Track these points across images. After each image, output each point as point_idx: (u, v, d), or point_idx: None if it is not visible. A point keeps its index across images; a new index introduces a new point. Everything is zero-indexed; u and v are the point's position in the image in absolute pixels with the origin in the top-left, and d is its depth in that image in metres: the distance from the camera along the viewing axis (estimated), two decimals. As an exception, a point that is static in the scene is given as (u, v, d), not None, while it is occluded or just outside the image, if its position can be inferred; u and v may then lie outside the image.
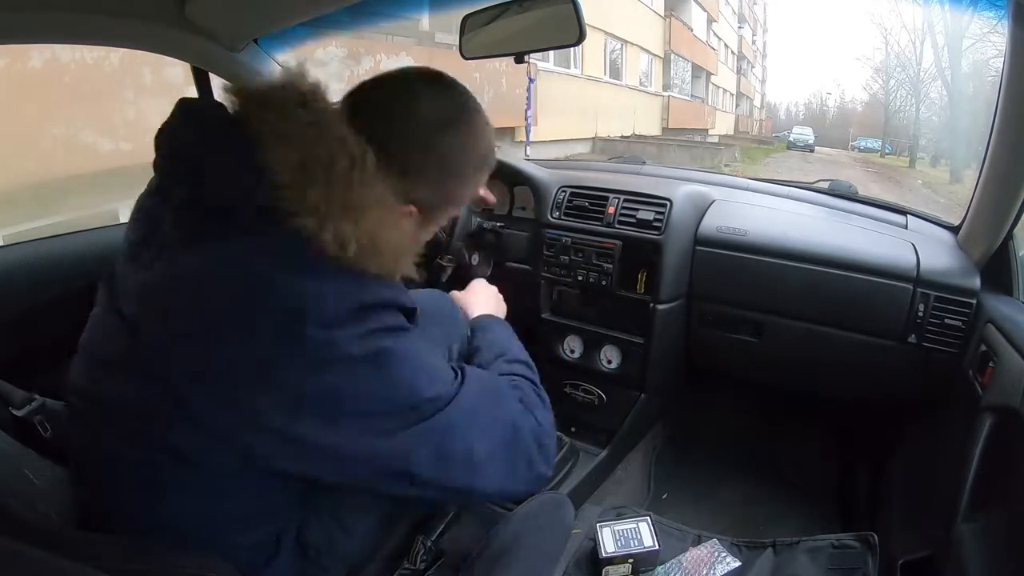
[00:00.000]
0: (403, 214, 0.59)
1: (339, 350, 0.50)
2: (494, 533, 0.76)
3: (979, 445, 0.84)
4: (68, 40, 1.29)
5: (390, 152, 0.56)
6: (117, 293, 0.57)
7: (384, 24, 4.38)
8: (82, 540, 0.50)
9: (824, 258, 1.12)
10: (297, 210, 0.51)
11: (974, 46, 14.01)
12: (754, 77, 27.57)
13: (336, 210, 0.51)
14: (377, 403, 0.52)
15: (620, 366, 1.29)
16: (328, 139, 0.53)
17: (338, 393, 0.50)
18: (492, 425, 0.58)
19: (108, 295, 0.59)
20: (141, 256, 0.56)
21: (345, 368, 0.50)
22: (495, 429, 0.58)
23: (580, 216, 1.28)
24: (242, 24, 0.94)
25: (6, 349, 0.88)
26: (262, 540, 0.58)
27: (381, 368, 0.52)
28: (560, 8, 0.86)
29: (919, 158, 17.28)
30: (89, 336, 0.59)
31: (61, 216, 2.78)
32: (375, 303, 0.53)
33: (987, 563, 0.77)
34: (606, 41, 10.98)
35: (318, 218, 0.51)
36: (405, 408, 0.53)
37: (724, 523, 1.23)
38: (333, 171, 0.52)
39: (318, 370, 0.50)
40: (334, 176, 0.52)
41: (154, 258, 0.54)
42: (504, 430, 0.59)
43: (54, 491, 0.59)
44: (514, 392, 0.64)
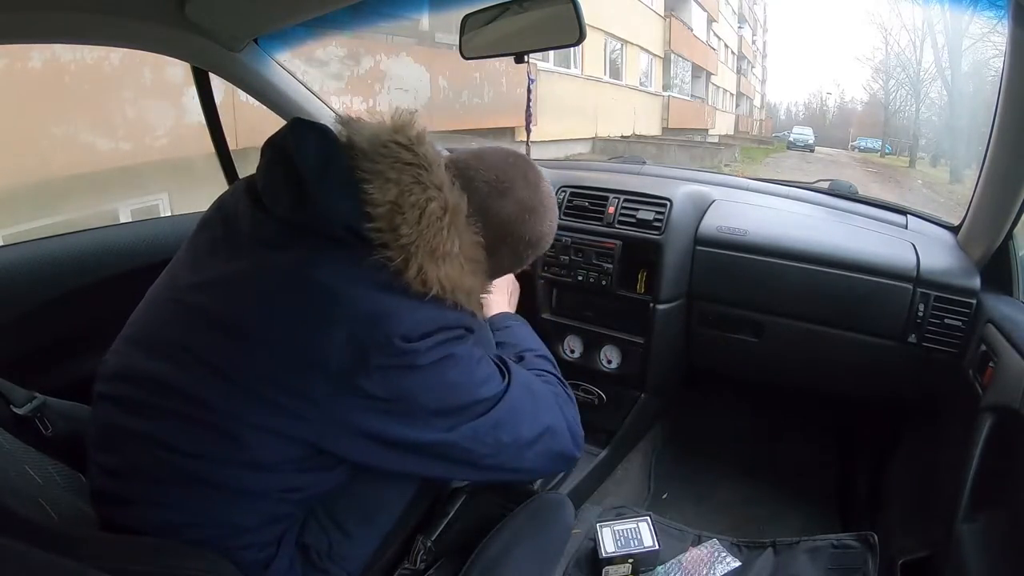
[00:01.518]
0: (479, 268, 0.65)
1: (416, 359, 0.56)
2: (494, 533, 0.77)
3: (979, 445, 0.84)
4: (68, 40, 1.29)
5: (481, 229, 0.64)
6: (181, 285, 0.60)
7: (384, 24, 4.37)
8: (83, 540, 0.50)
9: (824, 258, 1.12)
10: (387, 243, 0.56)
11: (974, 46, 13.98)
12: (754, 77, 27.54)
13: (423, 252, 0.57)
14: (443, 402, 0.59)
15: (620, 366, 1.29)
16: (426, 183, 0.58)
17: (411, 394, 0.57)
18: (535, 418, 0.66)
19: (169, 286, 0.62)
20: (221, 253, 0.60)
21: (419, 373, 0.57)
22: (538, 421, 0.66)
23: (580, 216, 1.28)
24: (242, 24, 0.94)
25: (6, 349, 0.88)
26: (264, 542, 0.58)
27: (447, 372, 0.58)
28: (560, 8, 0.86)
29: (919, 158, 17.26)
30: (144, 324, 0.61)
31: (61, 216, 2.78)
32: (449, 325, 0.59)
33: (987, 563, 0.77)
34: (606, 41, 10.97)
35: (406, 256, 0.56)
36: (466, 405, 0.60)
37: (724, 523, 1.23)
38: (425, 215, 0.57)
39: (396, 375, 0.55)
40: (426, 218, 0.57)
41: (240, 255, 0.58)
42: (544, 422, 0.67)
43: (55, 489, 0.59)
44: (548, 387, 0.72)
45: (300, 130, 0.62)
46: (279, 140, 0.62)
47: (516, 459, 0.65)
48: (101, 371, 0.61)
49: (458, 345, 0.60)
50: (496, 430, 0.62)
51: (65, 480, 0.62)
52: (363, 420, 0.56)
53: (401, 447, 0.58)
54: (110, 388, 0.59)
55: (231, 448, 0.54)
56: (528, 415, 0.66)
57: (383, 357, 0.54)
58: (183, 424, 0.54)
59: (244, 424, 0.54)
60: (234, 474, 0.55)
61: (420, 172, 0.58)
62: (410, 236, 0.56)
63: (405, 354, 0.55)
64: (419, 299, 0.57)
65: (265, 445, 0.55)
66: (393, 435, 0.57)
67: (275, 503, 0.58)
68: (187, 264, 0.62)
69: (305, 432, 0.55)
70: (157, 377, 0.56)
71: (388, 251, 0.56)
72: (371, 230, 0.56)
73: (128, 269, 1.04)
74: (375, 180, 0.57)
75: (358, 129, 0.61)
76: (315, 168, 0.58)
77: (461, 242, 0.60)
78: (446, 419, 0.59)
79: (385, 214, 0.56)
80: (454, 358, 0.59)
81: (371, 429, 0.56)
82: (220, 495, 0.55)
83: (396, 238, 0.56)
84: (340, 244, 0.57)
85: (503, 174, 0.68)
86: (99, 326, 0.68)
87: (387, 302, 0.55)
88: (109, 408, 0.59)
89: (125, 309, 0.66)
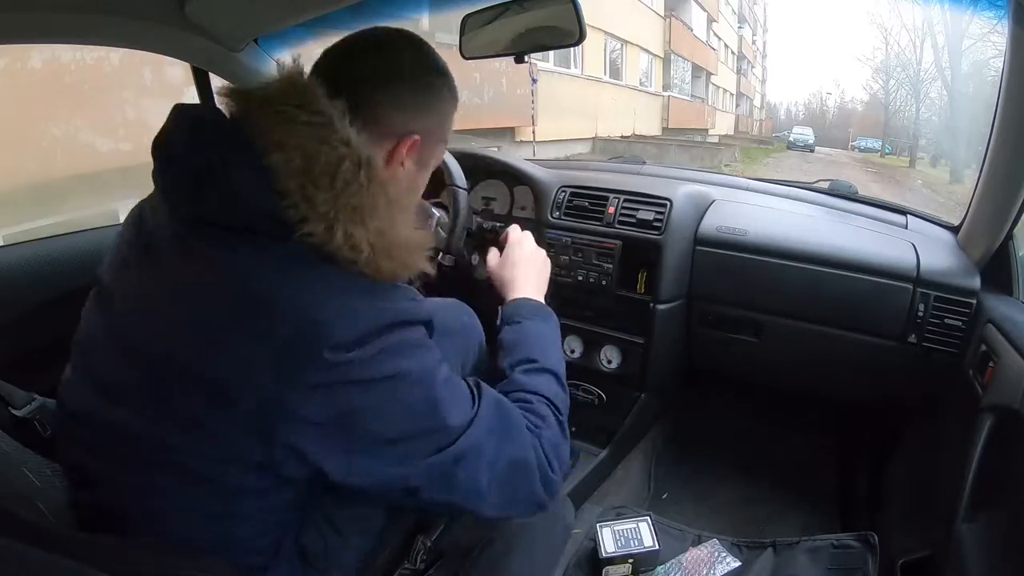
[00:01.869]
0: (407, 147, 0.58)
1: (356, 372, 0.49)
2: (494, 533, 0.76)
3: (979, 445, 0.84)
4: (68, 40, 1.29)
5: (381, 106, 0.56)
6: (111, 307, 0.56)
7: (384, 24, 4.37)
8: (82, 541, 0.50)
9: (824, 258, 1.12)
10: (305, 216, 0.49)
11: (974, 46, 14.01)
12: (754, 77, 27.55)
13: (345, 215, 0.50)
14: (392, 429, 0.51)
15: (620, 366, 1.29)
16: (332, 141, 0.51)
17: (353, 417, 0.49)
18: (499, 457, 0.57)
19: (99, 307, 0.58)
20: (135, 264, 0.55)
21: (362, 391, 0.49)
22: (501, 461, 0.57)
23: (580, 216, 1.28)
24: (242, 24, 0.94)
25: (6, 349, 0.88)
26: (261, 545, 0.58)
27: (398, 391, 0.51)
28: (560, 8, 0.86)
29: (919, 158, 17.27)
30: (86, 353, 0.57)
31: (61, 216, 2.78)
32: (393, 322, 0.51)
33: (987, 563, 0.77)
34: (606, 41, 10.98)
35: (327, 223, 0.50)
36: (419, 435, 0.52)
37: (724, 523, 1.23)
38: (339, 175, 0.51)
39: (334, 394, 0.48)
40: (341, 179, 0.50)
41: (152, 266, 0.53)
42: (510, 462, 0.58)
43: (54, 491, 0.59)
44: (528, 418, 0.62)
45: (181, 118, 0.55)
46: (162, 135, 0.55)
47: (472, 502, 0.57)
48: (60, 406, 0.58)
49: (414, 355, 0.52)
50: (455, 467, 0.54)
51: (63, 482, 0.61)
52: (304, 446, 0.49)
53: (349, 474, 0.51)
54: (66, 426, 0.57)
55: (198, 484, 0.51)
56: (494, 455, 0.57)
57: (315, 374, 0.47)
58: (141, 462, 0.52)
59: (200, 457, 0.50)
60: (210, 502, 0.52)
61: (322, 131, 0.51)
62: (327, 202, 0.50)
63: (340, 366, 0.48)
64: (355, 288, 0.51)
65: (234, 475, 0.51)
66: (336, 465, 0.50)
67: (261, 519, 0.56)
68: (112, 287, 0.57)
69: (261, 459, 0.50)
70: (115, 424, 0.52)
71: (308, 225, 0.49)
72: (287, 207, 0.49)
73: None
74: (276, 152, 0.50)
75: (247, 99, 0.54)
76: (211, 155, 0.51)
77: (382, 194, 0.53)
78: (399, 447, 0.52)
79: (296, 188, 0.50)
80: (409, 374, 0.51)
81: (314, 457, 0.49)
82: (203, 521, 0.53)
83: (312, 207, 0.49)
84: (253, 234, 0.50)
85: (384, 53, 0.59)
86: (99, 326, 0.68)
87: (315, 300, 0.49)
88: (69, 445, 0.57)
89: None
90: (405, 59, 0.59)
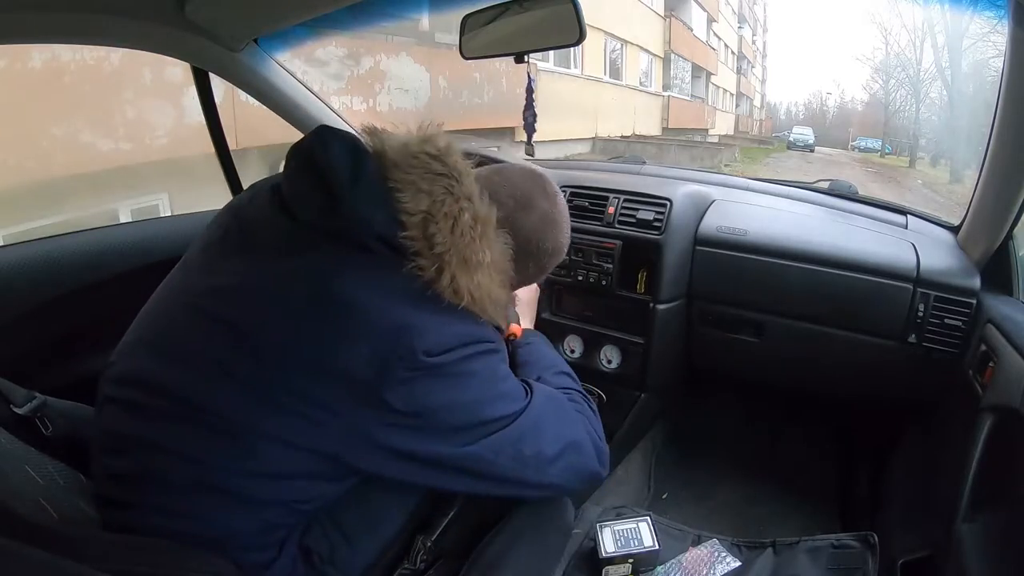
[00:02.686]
0: (507, 280, 0.66)
1: (439, 372, 0.56)
2: (494, 533, 0.77)
3: (979, 445, 0.84)
4: (68, 40, 1.29)
5: (505, 231, 0.65)
6: (197, 289, 0.59)
7: (384, 24, 4.37)
8: (83, 540, 0.50)
9: (824, 258, 1.12)
10: (420, 251, 0.56)
11: (974, 46, 13.98)
12: (754, 77, 27.53)
13: (456, 261, 0.57)
14: (465, 416, 0.59)
15: (620, 366, 1.29)
16: (458, 194, 0.59)
17: (433, 408, 0.57)
18: (558, 432, 0.66)
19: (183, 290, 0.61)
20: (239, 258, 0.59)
21: (441, 387, 0.57)
22: (561, 436, 0.66)
23: (580, 216, 1.28)
24: (242, 24, 0.94)
25: (6, 349, 0.88)
26: (266, 546, 0.58)
27: (472, 388, 0.59)
28: (560, 8, 0.86)
29: (919, 158, 17.25)
30: (156, 327, 0.61)
31: (61, 216, 2.78)
32: (473, 341, 0.60)
33: (987, 563, 0.77)
34: (606, 41, 10.97)
35: (440, 266, 0.57)
36: (488, 420, 0.60)
37: (724, 523, 1.23)
38: (458, 224, 0.58)
39: (419, 389, 0.55)
40: (459, 228, 0.58)
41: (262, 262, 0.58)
42: (567, 436, 0.67)
43: (56, 489, 0.59)
44: (573, 404, 0.72)
45: (328, 137, 0.61)
46: (306, 147, 0.61)
47: (539, 473, 0.65)
48: (108, 373, 0.61)
49: (482, 360, 0.60)
50: (518, 443, 0.62)
51: (66, 480, 0.61)
52: (384, 433, 0.56)
53: (421, 461, 0.58)
54: (119, 392, 0.58)
55: (244, 458, 0.54)
56: (551, 429, 0.66)
57: (406, 371, 0.54)
58: (196, 432, 0.54)
59: (259, 434, 0.54)
60: (245, 483, 0.55)
61: (451, 183, 0.59)
62: (444, 245, 0.56)
63: (428, 368, 0.55)
64: (447, 313, 0.57)
65: (279, 456, 0.54)
66: (414, 449, 0.57)
67: (282, 512, 0.58)
68: (201, 268, 0.62)
69: (324, 443, 0.55)
70: (168, 383, 0.55)
71: (421, 259, 0.56)
72: (405, 239, 0.56)
73: (128, 269, 1.04)
74: (407, 190, 0.57)
75: (386, 139, 0.62)
76: (346, 176, 0.58)
77: (492, 252, 0.61)
78: (468, 433, 0.59)
79: (419, 223, 0.56)
80: (477, 373, 0.59)
81: (392, 443, 0.56)
82: (228, 503, 0.55)
83: (430, 247, 0.56)
84: (368, 252, 0.57)
85: (526, 189, 0.70)
86: (99, 326, 0.68)
87: (414, 315, 0.55)
88: (118, 412, 0.58)
89: (125, 309, 0.66)
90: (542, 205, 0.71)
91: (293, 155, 0.62)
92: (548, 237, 0.71)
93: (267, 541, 0.58)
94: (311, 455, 0.55)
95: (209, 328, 0.56)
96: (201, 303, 0.58)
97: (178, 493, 0.55)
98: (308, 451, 0.55)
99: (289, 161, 0.62)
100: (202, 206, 1.23)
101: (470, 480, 0.62)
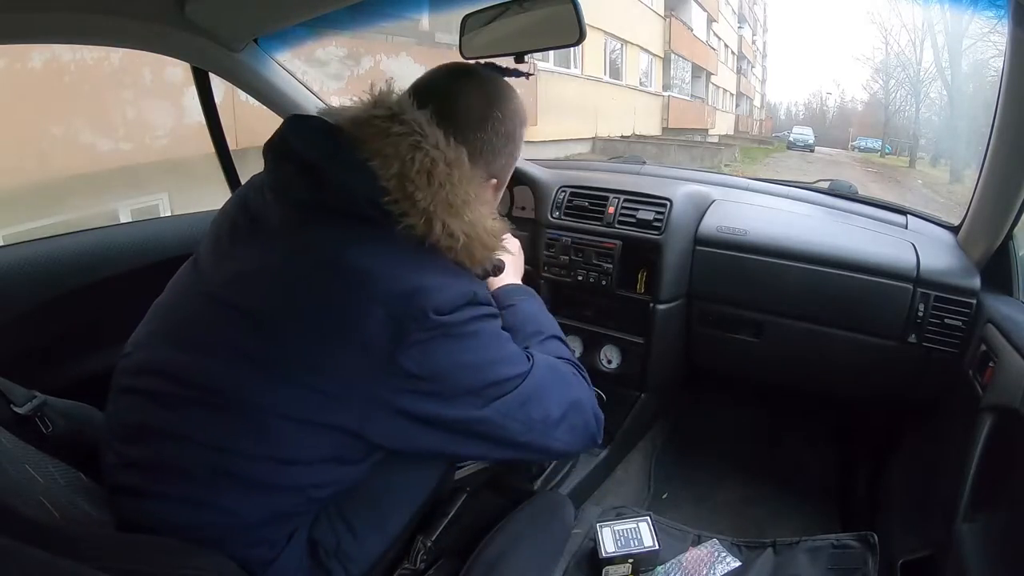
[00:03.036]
0: (490, 189, 0.68)
1: (450, 330, 0.58)
2: (494, 533, 0.77)
3: (979, 445, 0.84)
4: (68, 40, 1.29)
5: (470, 141, 0.64)
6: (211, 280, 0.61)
7: (384, 24, 4.38)
8: (83, 539, 0.50)
9: (824, 258, 1.12)
10: (407, 211, 0.57)
11: (974, 46, 13.98)
12: (754, 77, 27.53)
13: (441, 209, 0.58)
14: (475, 377, 0.60)
15: (620, 366, 1.29)
16: (424, 147, 0.59)
17: (445, 370, 0.58)
18: (562, 394, 0.68)
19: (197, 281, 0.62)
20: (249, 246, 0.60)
21: (453, 347, 0.58)
22: (564, 400, 0.68)
23: (580, 216, 1.28)
24: (242, 24, 0.94)
25: (6, 348, 0.88)
26: (277, 536, 0.59)
27: (480, 349, 0.61)
28: (560, 8, 0.86)
29: (919, 158, 17.23)
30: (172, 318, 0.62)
31: (61, 216, 2.78)
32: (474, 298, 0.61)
33: (987, 563, 0.77)
34: (606, 41, 10.97)
35: (428, 217, 0.58)
36: (496, 382, 0.62)
37: (724, 523, 1.22)
38: (434, 175, 0.58)
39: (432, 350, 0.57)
40: (436, 179, 0.59)
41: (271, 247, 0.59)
42: (570, 400, 0.69)
43: (56, 488, 0.59)
44: (570, 367, 0.73)
45: (299, 123, 0.63)
46: (279, 139, 0.63)
47: (546, 436, 0.66)
48: (124, 364, 0.62)
49: (487, 322, 0.62)
50: (525, 406, 0.64)
51: (66, 479, 0.61)
52: (400, 399, 0.57)
53: (437, 425, 0.59)
54: (136, 381, 0.59)
55: (264, 441, 0.55)
56: (555, 392, 0.67)
57: (420, 331, 0.56)
58: (214, 417, 0.55)
59: (278, 415, 0.55)
60: (263, 469, 0.55)
61: (415, 138, 0.59)
62: (426, 199, 0.58)
63: (440, 327, 0.57)
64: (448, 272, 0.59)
65: (298, 438, 0.55)
66: (429, 413, 0.58)
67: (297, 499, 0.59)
68: (214, 258, 0.63)
69: (343, 417, 0.56)
70: (187, 370, 0.56)
71: (409, 218, 0.57)
72: (388, 202, 0.57)
73: (128, 269, 1.04)
74: (375, 157, 0.58)
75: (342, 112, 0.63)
76: (323, 152, 0.59)
77: (472, 187, 0.62)
78: (478, 396, 0.61)
79: (397, 186, 0.57)
80: (483, 334, 0.61)
81: (408, 407, 0.57)
82: (245, 490, 0.56)
83: (413, 204, 0.57)
84: (366, 221, 0.58)
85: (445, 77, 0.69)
86: (99, 326, 0.68)
87: (420, 276, 0.57)
88: (135, 401, 0.59)
89: (125, 309, 0.66)
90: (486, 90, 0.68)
91: (269, 149, 0.64)
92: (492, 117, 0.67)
93: (277, 533, 0.59)
94: (331, 433, 0.56)
95: (226, 316, 0.58)
96: (217, 292, 0.59)
97: (195, 481, 0.55)
98: (329, 428, 0.56)
99: (266, 156, 0.64)
100: (202, 206, 1.23)
101: (482, 444, 0.63)
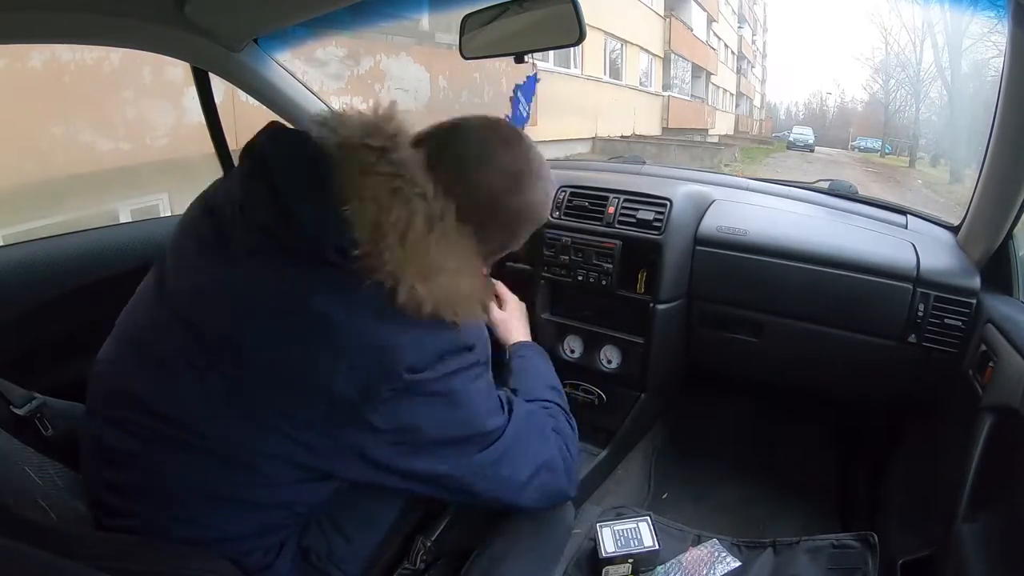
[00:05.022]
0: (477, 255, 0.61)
1: (423, 388, 0.55)
2: (494, 533, 0.76)
3: (979, 445, 0.84)
4: (68, 40, 1.29)
5: (464, 207, 0.58)
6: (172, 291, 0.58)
7: (384, 24, 4.37)
8: (82, 540, 0.50)
9: (824, 258, 1.12)
10: (375, 267, 0.52)
11: (974, 46, 13.98)
12: (754, 77, 27.52)
13: (411, 274, 0.53)
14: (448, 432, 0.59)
15: (620, 366, 1.29)
16: (406, 195, 0.54)
17: (417, 425, 0.56)
18: (536, 456, 0.68)
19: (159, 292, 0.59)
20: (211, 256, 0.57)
21: (425, 404, 0.56)
22: (537, 459, 0.68)
23: (580, 216, 1.28)
24: (242, 24, 0.94)
25: (6, 349, 0.88)
26: (266, 547, 0.59)
27: (453, 406, 0.58)
28: (560, 8, 0.86)
29: (919, 158, 17.24)
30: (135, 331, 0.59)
31: (61, 216, 2.78)
32: (450, 349, 0.57)
33: (987, 563, 0.77)
34: (606, 41, 10.97)
35: (394, 281, 0.53)
36: (470, 437, 0.61)
37: (724, 523, 1.22)
38: (409, 234, 0.53)
39: (404, 407, 0.55)
40: (410, 239, 0.53)
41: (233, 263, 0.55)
42: (542, 459, 0.68)
43: (55, 489, 0.59)
44: (550, 419, 0.73)
45: (278, 140, 0.58)
46: (258, 149, 0.58)
47: (514, 494, 0.67)
48: (95, 386, 0.60)
49: (462, 375, 0.59)
50: (496, 465, 0.63)
51: (65, 481, 0.61)
52: (366, 448, 0.56)
53: (404, 474, 0.59)
54: (106, 408, 0.58)
55: (241, 471, 0.54)
56: (529, 450, 0.67)
57: (389, 390, 0.54)
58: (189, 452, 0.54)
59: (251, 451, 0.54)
60: (246, 492, 0.55)
61: (399, 184, 0.53)
62: (393, 261, 0.52)
63: (412, 385, 0.55)
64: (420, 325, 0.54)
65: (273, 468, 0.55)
66: (394, 463, 0.58)
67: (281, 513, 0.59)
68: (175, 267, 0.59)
69: (314, 461, 0.55)
70: (157, 399, 0.54)
71: (377, 275, 0.52)
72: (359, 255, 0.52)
73: (128, 269, 1.04)
74: (351, 199, 0.53)
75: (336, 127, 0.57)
76: (297, 188, 0.54)
77: (451, 251, 0.56)
78: (451, 450, 0.60)
79: (368, 238, 0.52)
80: (458, 390, 0.59)
81: (374, 455, 0.56)
82: (229, 508, 0.55)
83: (382, 264, 0.52)
84: (332, 267, 0.53)
85: (480, 140, 0.62)
86: (99, 326, 0.67)
87: (389, 332, 0.53)
88: (106, 428, 0.57)
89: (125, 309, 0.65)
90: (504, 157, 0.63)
91: (246, 153, 0.59)
92: (514, 196, 0.62)
93: (267, 543, 0.59)
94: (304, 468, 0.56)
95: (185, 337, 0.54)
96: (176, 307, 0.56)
97: (179, 503, 0.55)
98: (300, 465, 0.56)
99: (243, 158, 0.59)
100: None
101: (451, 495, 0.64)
